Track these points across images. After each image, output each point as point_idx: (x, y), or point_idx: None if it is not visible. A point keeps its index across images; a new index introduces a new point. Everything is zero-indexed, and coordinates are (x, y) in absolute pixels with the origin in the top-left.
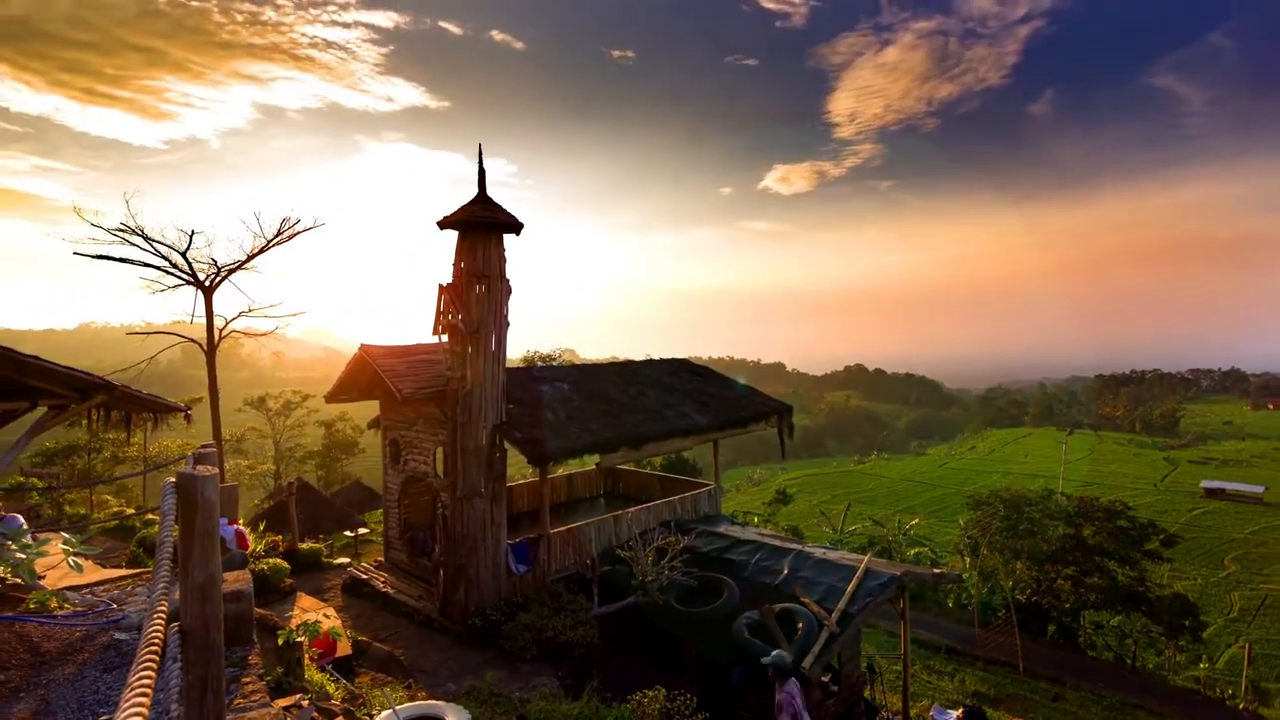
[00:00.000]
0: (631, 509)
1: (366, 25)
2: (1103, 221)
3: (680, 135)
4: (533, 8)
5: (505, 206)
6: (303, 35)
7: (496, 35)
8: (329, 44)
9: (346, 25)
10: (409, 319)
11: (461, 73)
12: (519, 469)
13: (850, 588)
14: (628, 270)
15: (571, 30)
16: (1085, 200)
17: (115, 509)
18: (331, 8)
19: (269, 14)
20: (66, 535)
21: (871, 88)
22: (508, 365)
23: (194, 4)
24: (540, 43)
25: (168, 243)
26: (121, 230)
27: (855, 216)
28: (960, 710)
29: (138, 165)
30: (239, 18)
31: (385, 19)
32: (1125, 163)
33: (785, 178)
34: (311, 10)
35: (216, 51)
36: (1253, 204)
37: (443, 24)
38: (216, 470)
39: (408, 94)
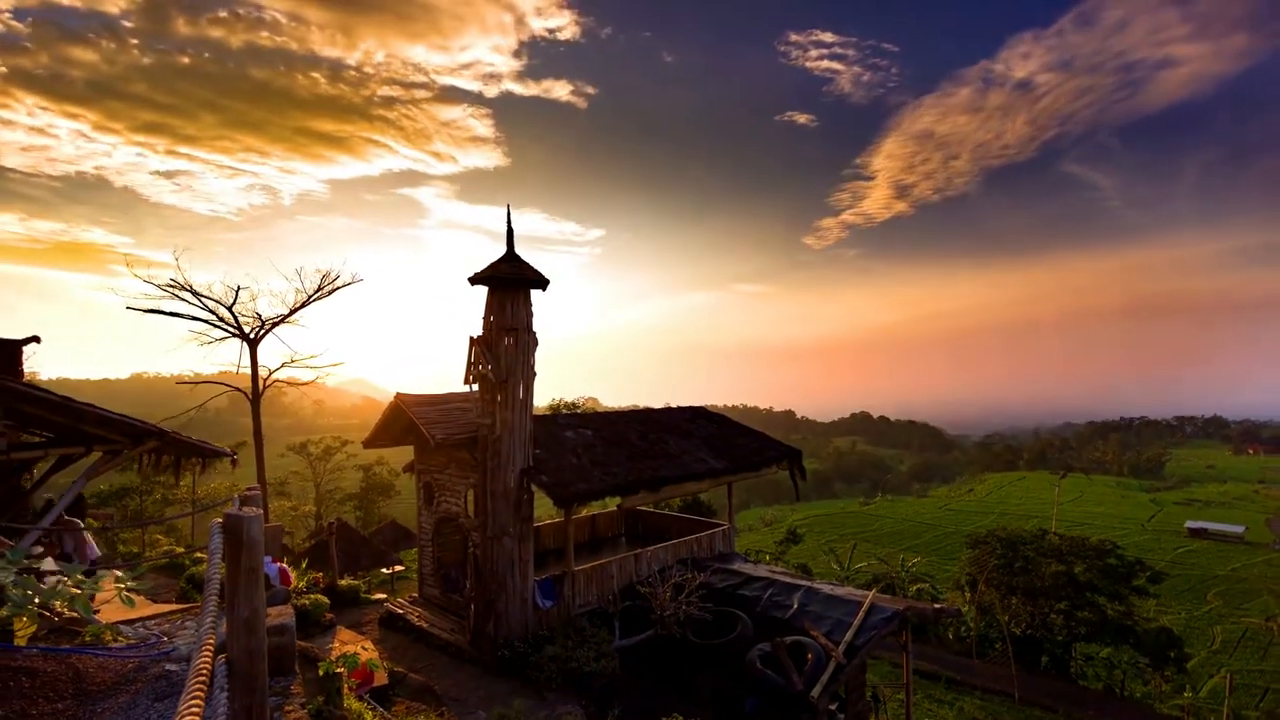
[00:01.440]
0: (651, 548)
1: (443, 88)
2: (1051, 286)
3: (725, 191)
4: (598, 68)
5: (553, 259)
6: (378, 97)
7: (561, 96)
8: (404, 104)
9: (422, 86)
10: (444, 369)
11: (524, 131)
12: (545, 510)
13: (856, 622)
14: (654, 323)
15: (632, 91)
16: (1029, 266)
17: (166, 548)
18: (408, 70)
19: (351, 74)
20: (119, 572)
21: (901, 153)
22: (534, 413)
23: (280, 69)
24: (602, 103)
25: (215, 297)
26: (171, 286)
27: (835, 280)
28: None
29: (208, 229)
30: (321, 80)
31: (460, 81)
32: (1060, 235)
33: (819, 233)
34: (387, 71)
35: (294, 114)
36: (1187, 268)
37: (510, 86)
38: (261, 511)
39: (474, 153)
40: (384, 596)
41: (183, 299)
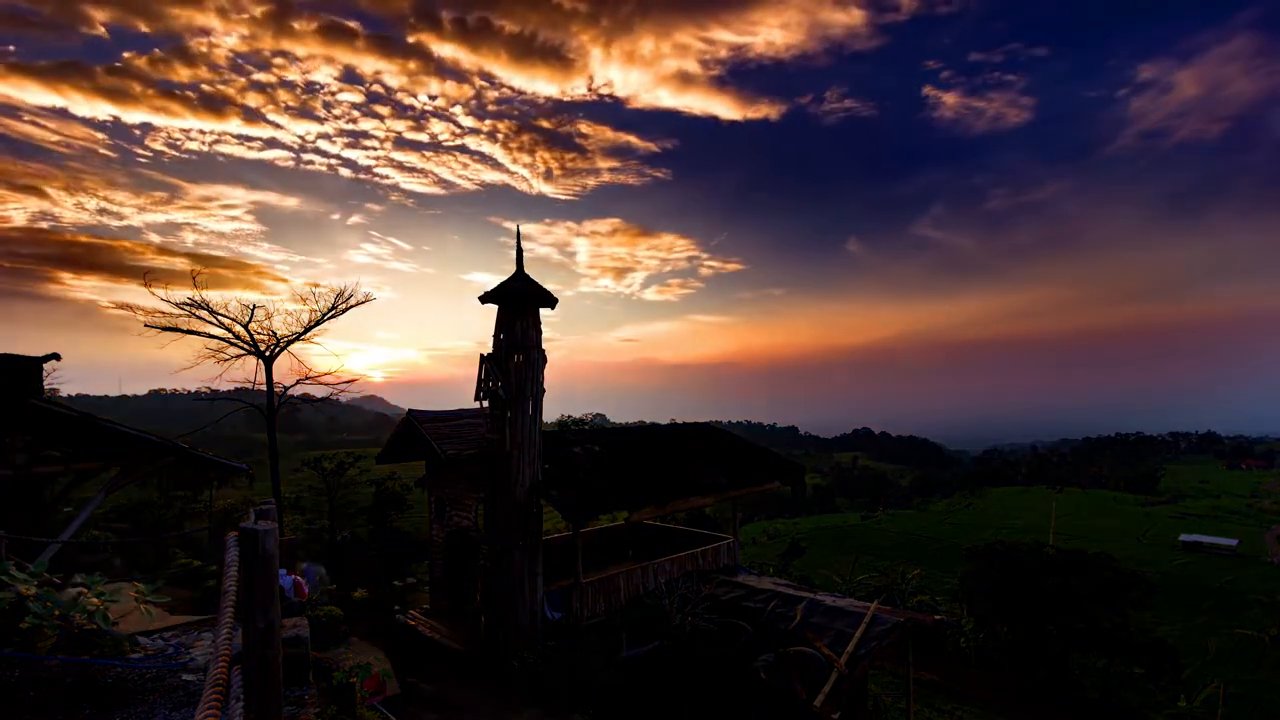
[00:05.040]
0: (657, 560)
1: (547, 110)
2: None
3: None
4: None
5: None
6: (484, 113)
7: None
8: (500, 120)
9: (527, 104)
10: (455, 387)
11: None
12: (554, 523)
13: (858, 633)
14: (659, 345)
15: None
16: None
17: (183, 561)
18: (515, 93)
19: (460, 90)
20: (138, 585)
21: None
22: (543, 429)
23: (388, 85)
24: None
25: (231, 315)
26: (188, 305)
27: (781, 312)
28: None
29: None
30: (433, 96)
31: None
32: (931, 285)
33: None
34: (496, 93)
35: (397, 124)
36: (1070, 308)
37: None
38: (276, 525)
39: (572, 173)
40: (397, 608)
41: (200, 318)
